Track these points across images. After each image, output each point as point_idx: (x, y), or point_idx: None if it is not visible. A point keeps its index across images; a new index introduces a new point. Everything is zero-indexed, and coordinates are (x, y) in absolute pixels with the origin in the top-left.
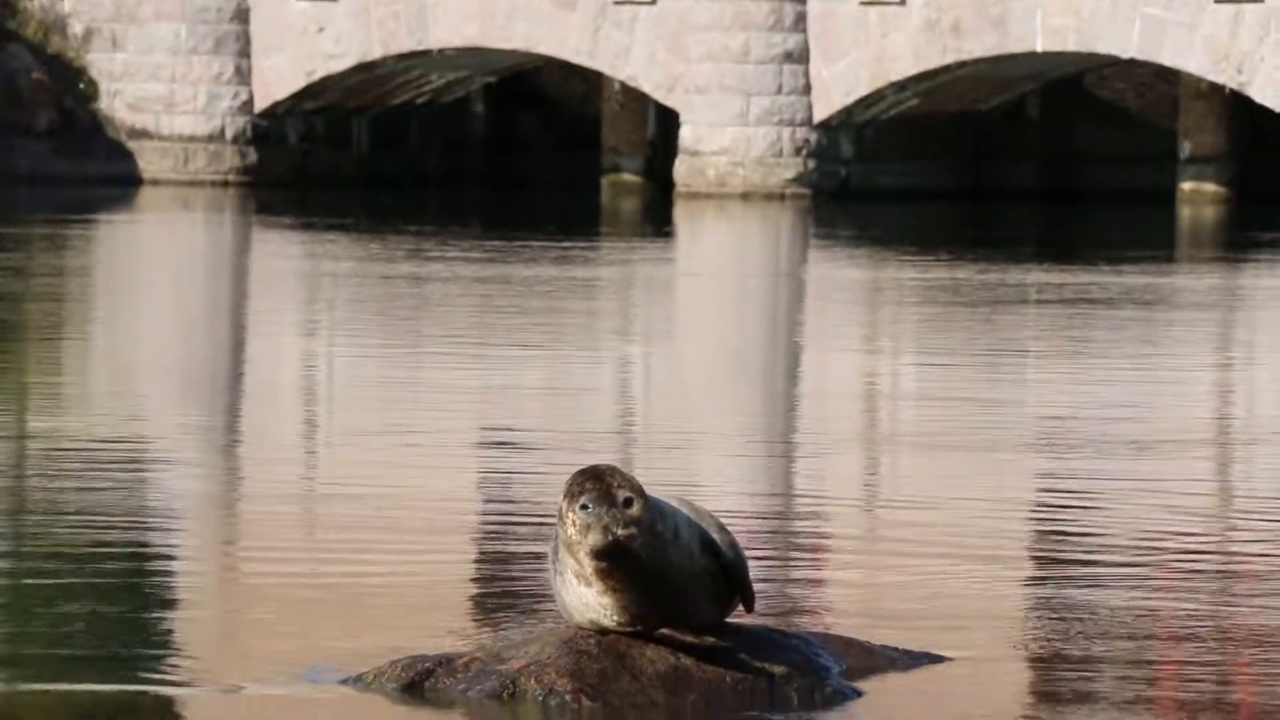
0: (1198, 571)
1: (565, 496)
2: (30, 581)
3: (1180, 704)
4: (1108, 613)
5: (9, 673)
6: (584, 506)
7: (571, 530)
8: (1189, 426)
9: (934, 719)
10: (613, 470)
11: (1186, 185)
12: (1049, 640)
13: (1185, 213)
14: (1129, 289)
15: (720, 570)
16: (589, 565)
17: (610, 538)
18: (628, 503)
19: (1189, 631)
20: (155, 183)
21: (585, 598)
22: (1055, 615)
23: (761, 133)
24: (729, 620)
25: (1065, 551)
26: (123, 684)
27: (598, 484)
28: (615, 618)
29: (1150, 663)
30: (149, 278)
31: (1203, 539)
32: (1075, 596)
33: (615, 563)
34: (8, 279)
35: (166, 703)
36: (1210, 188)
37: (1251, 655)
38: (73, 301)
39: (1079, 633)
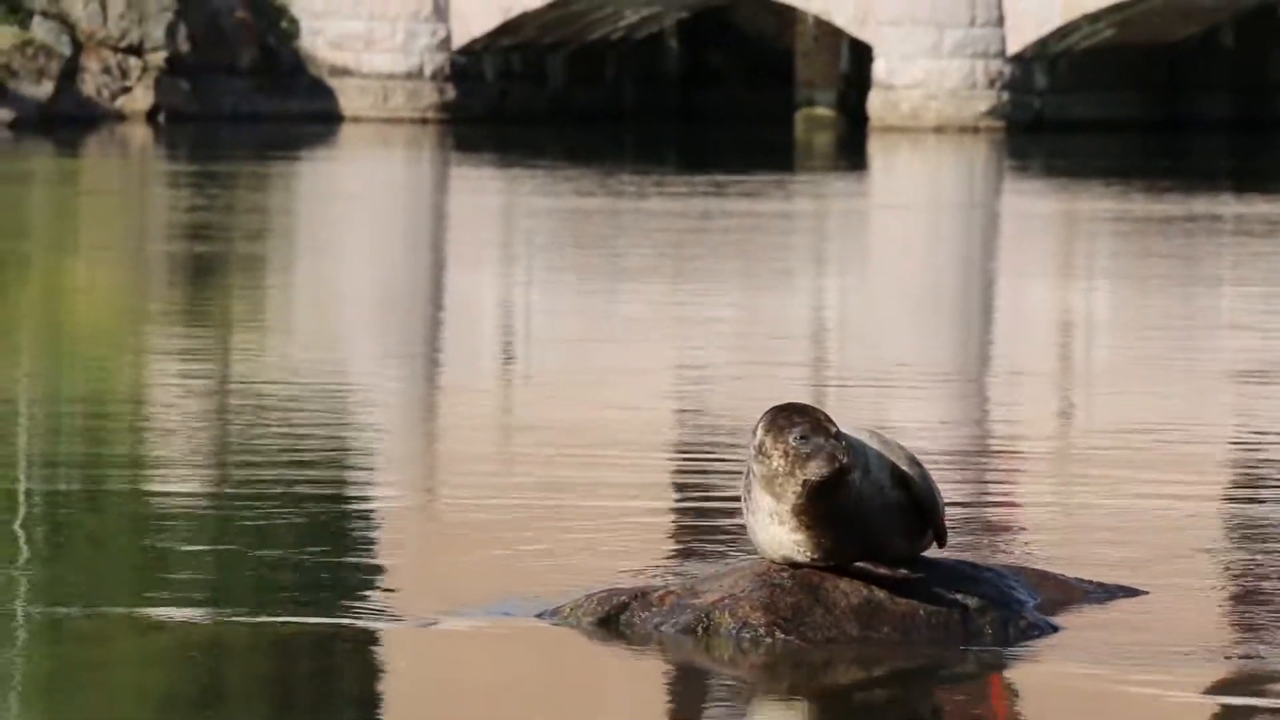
0: None
1: (768, 431)
2: (235, 517)
3: None
4: None
5: (215, 606)
6: (802, 438)
7: (779, 463)
8: None
9: (1131, 654)
10: (812, 406)
11: None
12: (1248, 572)
13: None
14: None
15: (912, 503)
16: (792, 499)
17: (837, 464)
18: (838, 435)
19: None
20: (355, 120)
21: (778, 536)
22: (1255, 547)
23: (955, 65)
24: (922, 555)
25: (1266, 480)
26: (322, 617)
27: (806, 417)
28: (809, 554)
29: None
30: (350, 214)
31: None
32: (1273, 526)
33: (826, 495)
34: (213, 216)
35: (364, 635)
36: None
37: None
38: (276, 238)
39: (1277, 563)
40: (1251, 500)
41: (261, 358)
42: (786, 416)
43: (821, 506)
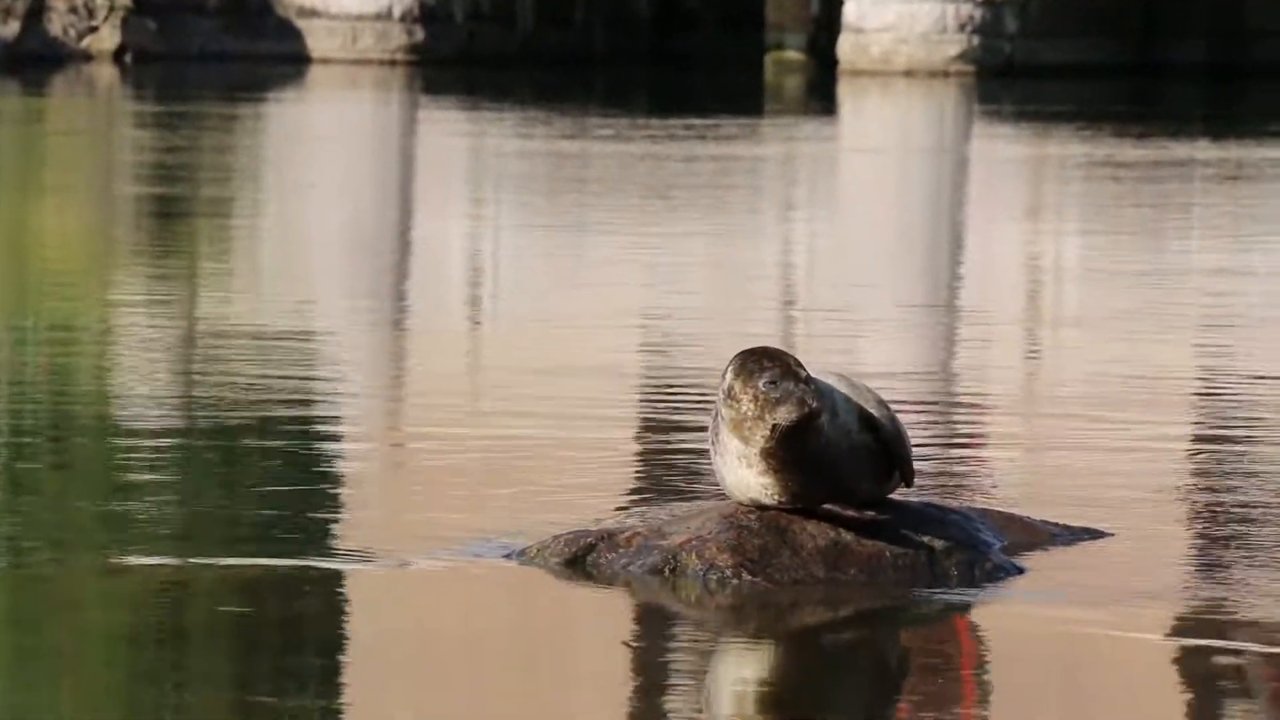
0: None
1: (737, 375)
2: (199, 459)
3: None
4: (1273, 486)
5: (180, 548)
6: (771, 382)
7: (748, 407)
8: None
9: (1096, 594)
10: (782, 350)
11: None
12: (1214, 515)
13: None
14: None
15: (879, 445)
16: (760, 443)
17: (806, 410)
18: (807, 380)
19: None
20: (324, 61)
21: (746, 479)
22: (1221, 490)
23: (926, 9)
24: (890, 496)
25: (1229, 426)
26: (290, 558)
27: (776, 362)
28: (776, 497)
29: None
30: (317, 156)
31: None
32: (1239, 470)
33: (794, 439)
34: (180, 157)
35: (333, 577)
36: None
37: None
38: (243, 180)
39: (1242, 507)
40: (1218, 444)
41: (228, 300)
42: (756, 361)
43: (790, 451)
